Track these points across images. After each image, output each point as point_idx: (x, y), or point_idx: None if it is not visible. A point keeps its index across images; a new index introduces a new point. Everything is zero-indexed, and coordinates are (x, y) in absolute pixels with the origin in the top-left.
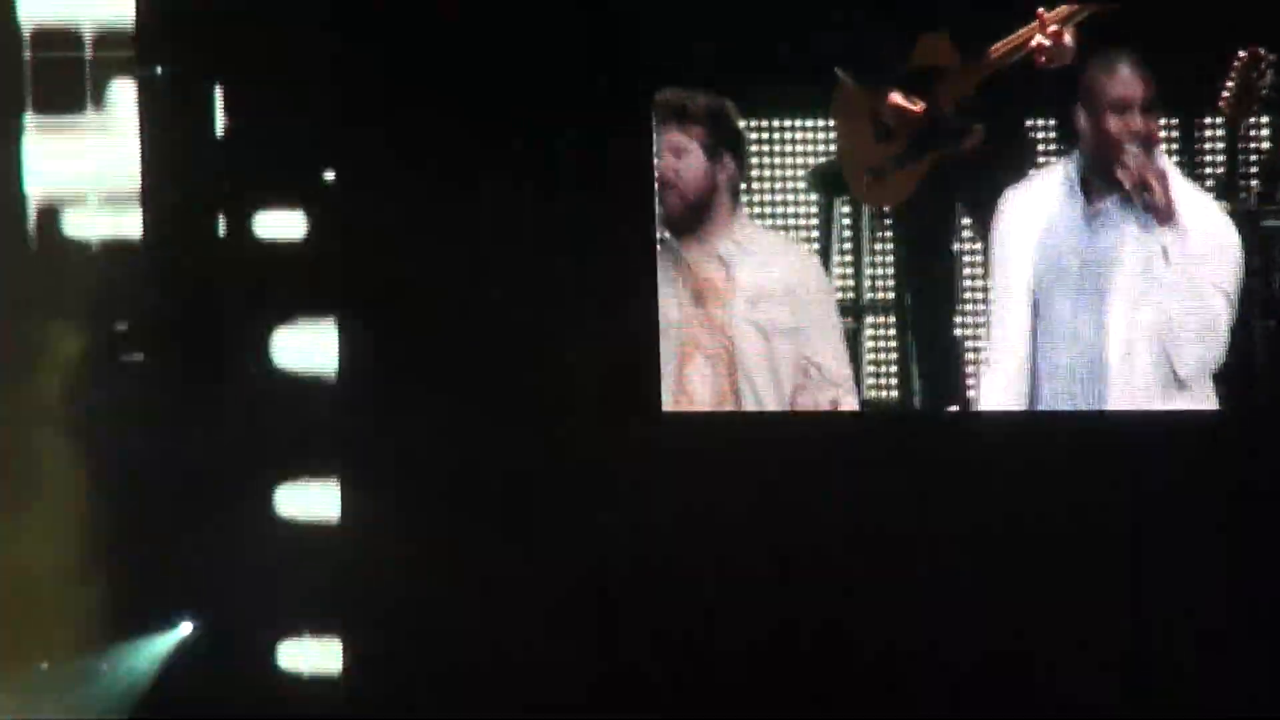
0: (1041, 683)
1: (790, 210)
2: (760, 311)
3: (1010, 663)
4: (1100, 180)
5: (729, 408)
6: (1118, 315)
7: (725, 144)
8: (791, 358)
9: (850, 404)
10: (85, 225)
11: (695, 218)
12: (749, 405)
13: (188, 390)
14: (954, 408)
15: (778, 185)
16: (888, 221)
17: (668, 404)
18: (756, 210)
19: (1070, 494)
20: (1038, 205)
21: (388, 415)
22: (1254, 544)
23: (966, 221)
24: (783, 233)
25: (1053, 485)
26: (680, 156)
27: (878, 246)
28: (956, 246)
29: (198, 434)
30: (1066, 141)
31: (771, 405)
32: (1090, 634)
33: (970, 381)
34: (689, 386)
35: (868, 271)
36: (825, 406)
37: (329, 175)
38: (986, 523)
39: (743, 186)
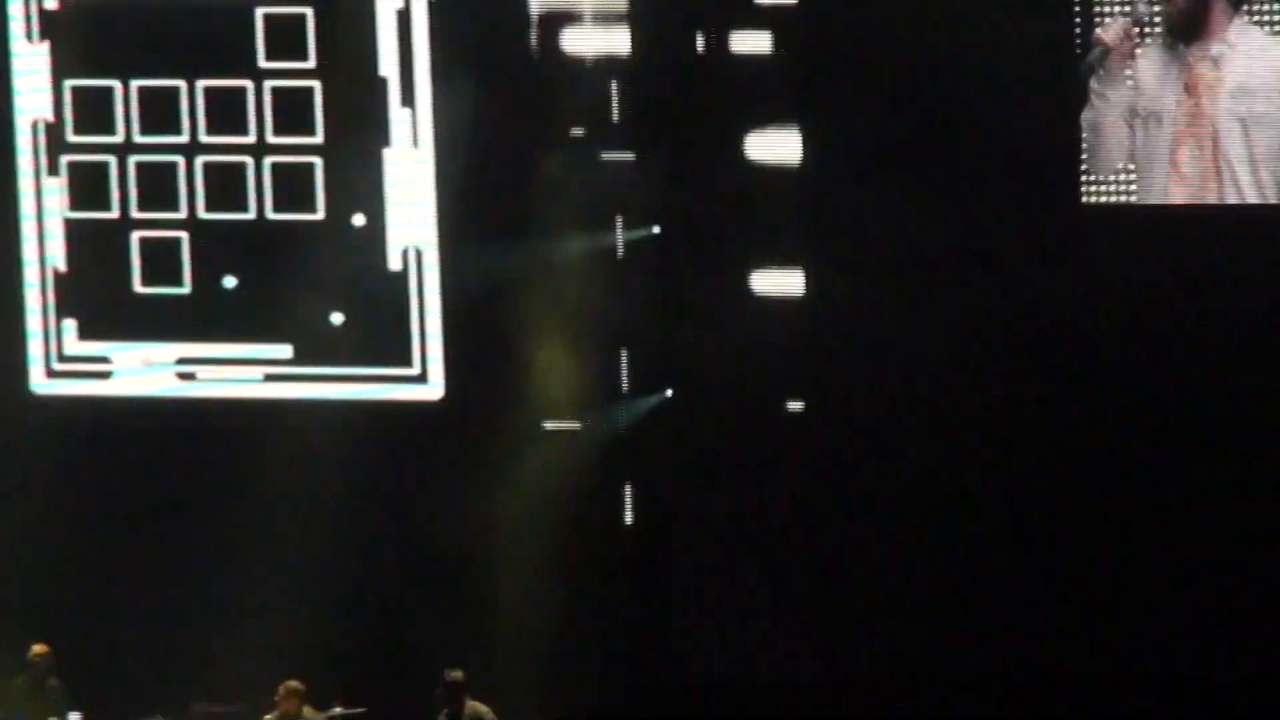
0: None
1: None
2: (1242, 104)
3: None
4: None
5: (1212, 187)
6: None
7: None
8: (1269, 146)
9: None
10: (580, 42)
11: (1192, 24)
12: (1228, 187)
13: (671, 184)
14: None
15: None
16: None
17: (1160, 188)
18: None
19: None
20: None
21: (845, 206)
22: None
23: None
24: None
25: None
26: None
27: None
28: None
29: (679, 222)
30: None
31: (1248, 188)
32: None
33: None
34: (1181, 168)
35: None
36: None
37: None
38: None
39: None
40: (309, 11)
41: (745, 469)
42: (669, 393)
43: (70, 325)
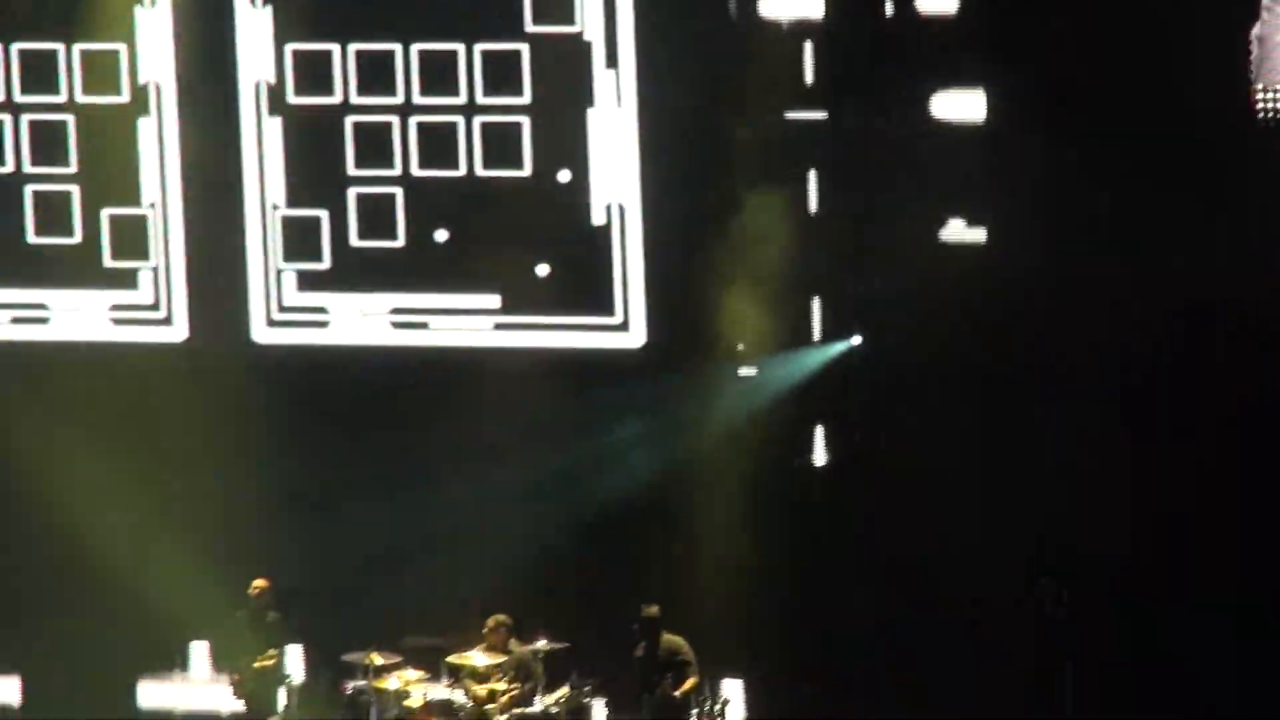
0: None
1: None
2: None
3: None
4: None
5: None
6: None
7: None
8: None
9: None
10: (775, 6)
11: None
12: None
13: (853, 139)
14: None
15: None
16: None
17: None
18: None
19: None
20: None
21: (1026, 160)
22: None
23: None
24: None
25: None
26: None
27: None
28: None
29: (865, 176)
30: None
31: None
32: None
33: None
34: None
35: None
36: None
37: None
38: None
39: None
40: None
41: (929, 414)
42: (858, 339)
43: (290, 277)
